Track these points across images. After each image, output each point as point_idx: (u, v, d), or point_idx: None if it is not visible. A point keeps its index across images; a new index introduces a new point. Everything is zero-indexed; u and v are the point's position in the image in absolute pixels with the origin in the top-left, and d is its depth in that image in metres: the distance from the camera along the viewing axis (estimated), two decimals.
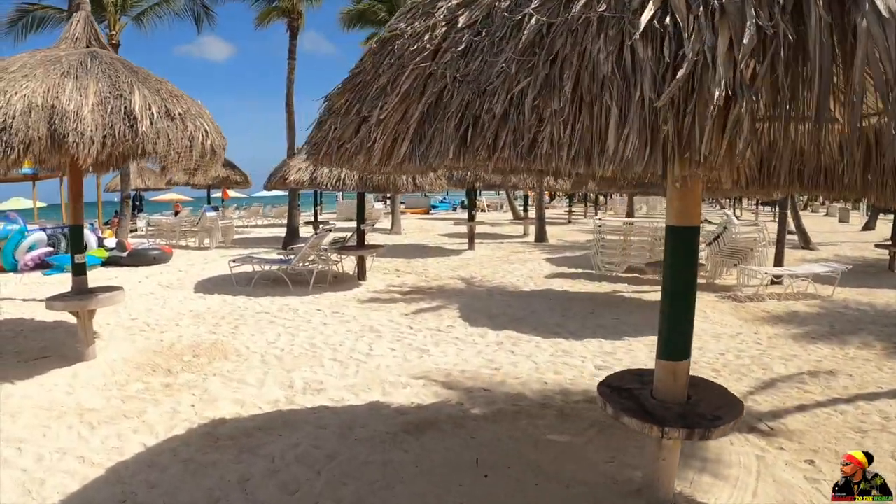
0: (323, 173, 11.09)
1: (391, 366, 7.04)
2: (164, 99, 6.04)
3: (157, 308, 9.98)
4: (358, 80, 3.70)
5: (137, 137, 5.58)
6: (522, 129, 2.68)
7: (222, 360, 7.14)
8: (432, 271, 14.37)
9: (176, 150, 5.87)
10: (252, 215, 30.69)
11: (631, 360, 7.11)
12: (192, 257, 16.78)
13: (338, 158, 3.74)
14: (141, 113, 5.66)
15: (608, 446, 4.80)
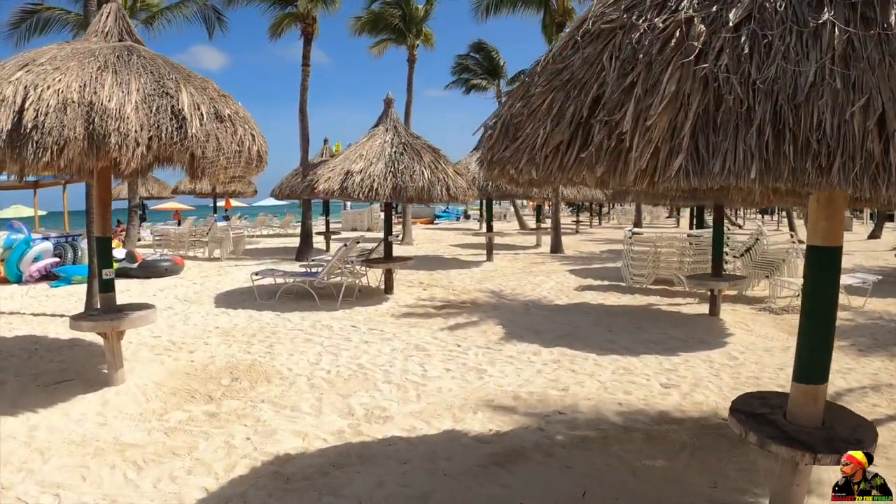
0: (354, 182, 10.48)
1: (453, 389, 6.46)
2: (213, 99, 5.43)
3: (179, 324, 9.31)
4: (565, 76, 3.13)
5: (186, 140, 4.96)
6: (856, 151, 2.46)
7: (265, 383, 6.49)
8: (458, 284, 13.80)
9: (225, 156, 5.26)
10: (259, 225, 29.88)
11: (693, 377, 6.85)
12: (205, 269, 16.08)
13: (550, 169, 3.10)
14: (190, 113, 5.04)
15: (706, 470, 4.51)
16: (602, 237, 30.38)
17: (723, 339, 8.84)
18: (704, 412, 5.71)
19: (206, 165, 5.23)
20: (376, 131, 11.71)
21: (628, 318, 10.22)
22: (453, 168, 11.88)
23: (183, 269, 15.12)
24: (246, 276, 14.28)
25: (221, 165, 5.30)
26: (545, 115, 3.13)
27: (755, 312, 10.81)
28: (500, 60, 36.23)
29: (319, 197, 10.91)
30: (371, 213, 32.66)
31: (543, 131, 3.09)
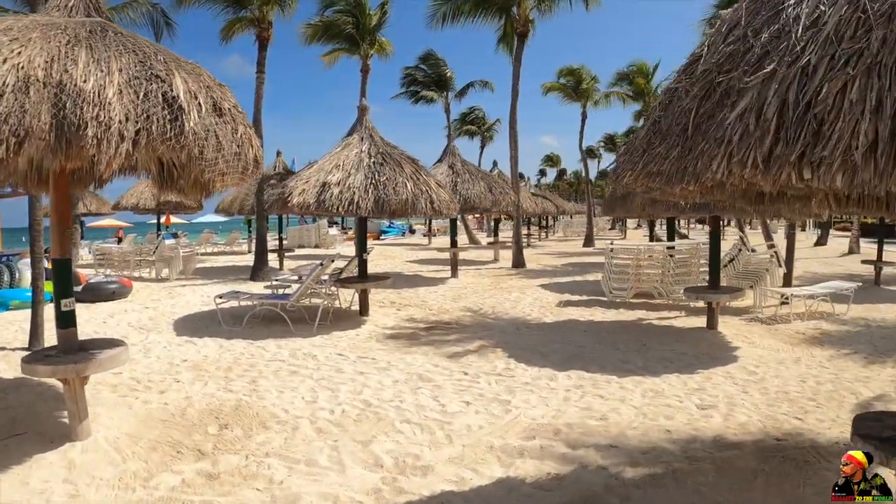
0: (332, 195, 9.50)
1: (483, 426, 5.63)
2: (209, 87, 4.43)
3: (140, 357, 8.07)
4: None
5: (183, 135, 3.95)
6: None
7: (262, 430, 5.45)
8: (432, 302, 12.96)
9: (225, 158, 4.27)
10: (203, 242, 28.08)
11: (725, 396, 6.55)
12: (154, 291, 14.59)
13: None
14: (186, 102, 4.03)
15: (787, 498, 4.25)
16: (555, 250, 30.09)
17: (731, 353, 8.50)
18: (755, 434, 5.41)
19: (202, 169, 4.23)
20: (351, 140, 10.77)
21: (627, 334, 9.71)
22: (434, 180, 11.03)
23: (131, 291, 13.69)
24: (201, 299, 13.08)
25: (219, 170, 4.30)
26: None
27: (746, 323, 10.63)
28: (448, 72, 35.67)
29: (294, 212, 9.88)
30: (318, 229, 31.38)
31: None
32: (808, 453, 4.98)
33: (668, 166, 3.17)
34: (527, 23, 19.62)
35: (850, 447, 5.15)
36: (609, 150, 61.37)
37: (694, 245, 12.80)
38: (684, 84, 3.28)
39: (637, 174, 3.50)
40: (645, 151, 3.50)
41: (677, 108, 3.32)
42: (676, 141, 3.19)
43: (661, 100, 3.64)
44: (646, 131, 3.63)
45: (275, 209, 10.08)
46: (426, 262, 22.99)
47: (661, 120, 3.45)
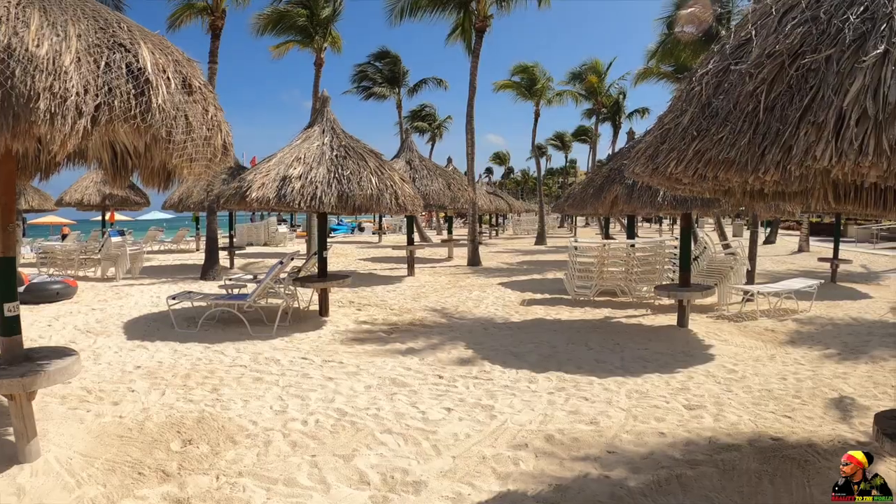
0: (293, 189, 8.97)
1: (470, 434, 5.28)
2: (178, 62, 3.91)
3: (90, 364, 7.37)
4: None
5: (150, 114, 3.44)
6: None
7: (230, 445, 4.96)
8: (393, 302, 12.52)
9: (194, 143, 3.78)
10: (149, 240, 26.75)
11: (710, 395, 6.45)
12: (100, 291, 13.63)
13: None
14: (154, 75, 3.52)
15: (796, 501, 4.16)
16: (508, 248, 29.94)
17: (706, 351, 8.42)
18: (749, 434, 5.32)
19: (169, 154, 3.72)
20: (311, 132, 10.24)
21: (598, 333, 9.53)
22: (398, 174, 10.60)
23: (76, 291, 12.81)
24: (150, 299, 12.35)
25: (188, 155, 3.81)
26: None
27: (715, 321, 10.62)
28: (403, 69, 35.19)
29: (254, 207, 9.29)
30: (267, 226, 30.40)
31: None
32: (806, 452, 4.90)
33: (736, 153, 2.87)
34: (485, 18, 19.30)
35: (851, 446, 5.13)
36: (558, 148, 61.89)
37: (657, 243, 12.69)
38: (746, 67, 2.98)
39: (688, 161, 3.18)
40: (696, 138, 3.18)
41: (736, 92, 3.02)
42: (743, 126, 2.89)
43: (703, 83, 3.32)
44: (690, 116, 3.30)
45: (231, 204, 9.47)
46: (379, 259, 22.51)
47: (714, 104, 3.14)
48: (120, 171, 5.23)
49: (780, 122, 2.73)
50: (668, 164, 3.32)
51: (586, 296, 12.50)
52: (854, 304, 12.60)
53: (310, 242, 22.74)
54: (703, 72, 3.36)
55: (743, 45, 3.23)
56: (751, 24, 3.25)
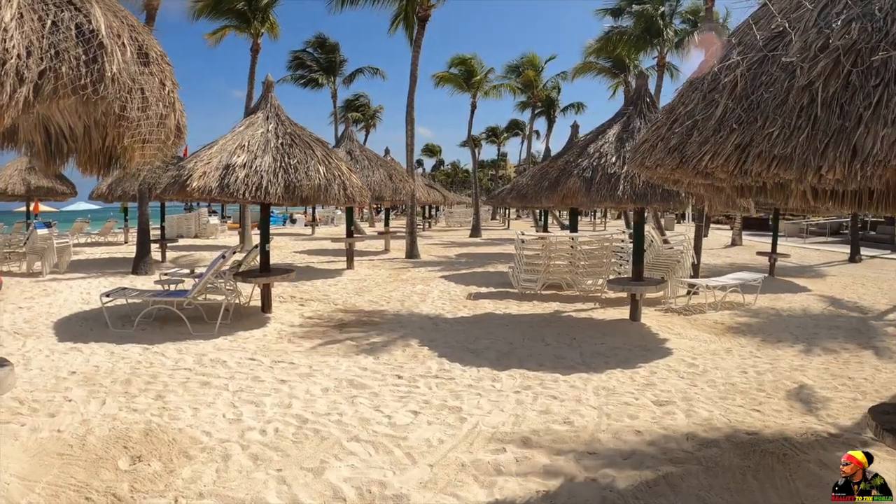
0: (237, 178, 8.42)
1: (443, 439, 5.01)
2: (133, 27, 3.42)
3: (20, 370, 6.60)
4: None
5: (103, 84, 2.98)
6: None
7: (185, 460, 4.50)
8: (335, 296, 12.09)
9: (149, 121, 3.34)
10: (76, 232, 25.06)
11: (677, 390, 6.44)
12: (27, 288, 12.51)
13: None
14: (109, 40, 3.05)
15: (783, 495, 4.14)
16: (444, 240, 29.74)
17: (663, 345, 8.44)
18: (723, 429, 5.31)
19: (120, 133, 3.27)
20: (255, 118, 9.68)
21: (551, 328, 9.41)
22: (346, 164, 10.17)
23: (0, 288, 11.81)
24: (81, 296, 11.51)
25: (142, 136, 3.36)
26: None
27: (664, 314, 10.70)
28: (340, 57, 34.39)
29: (194, 197, 8.67)
30: (199, 217, 29.16)
31: None
32: (783, 446, 4.91)
33: (792, 150, 2.69)
34: (428, 7, 18.90)
35: (824, 438, 5.12)
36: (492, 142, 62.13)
37: (604, 237, 12.68)
38: (795, 60, 2.80)
39: (727, 156, 2.97)
40: (734, 131, 2.97)
41: (782, 85, 2.84)
42: (799, 122, 2.71)
43: (737, 74, 3.12)
44: (724, 108, 3.09)
45: (169, 195, 8.83)
46: (315, 252, 21.86)
47: (753, 97, 2.94)
48: (55, 156, 4.69)
49: (841, 119, 2.58)
50: (701, 158, 3.11)
51: (533, 289, 12.37)
52: (795, 296, 12.96)
53: (243, 234, 21.93)
54: (730, 63, 3.16)
55: (775, 38, 3.07)
56: (778, 15, 3.08)
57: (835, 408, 5.95)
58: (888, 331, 9.60)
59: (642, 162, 3.86)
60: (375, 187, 17.06)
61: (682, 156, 3.29)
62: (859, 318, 10.64)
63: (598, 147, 9.47)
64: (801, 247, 25.87)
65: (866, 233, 26.42)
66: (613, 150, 9.26)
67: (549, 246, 12.53)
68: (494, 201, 27.00)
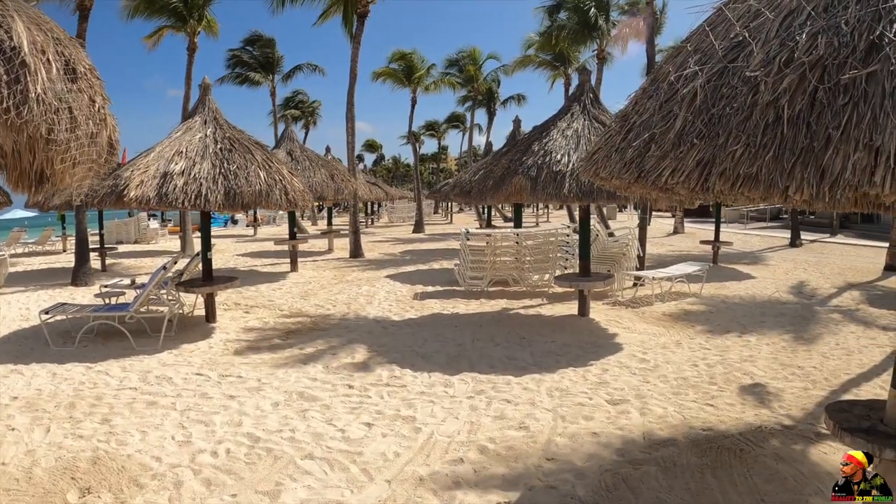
0: (175, 187, 8.17)
1: (399, 452, 4.97)
2: (59, 41, 3.24)
3: None
4: None
5: (27, 106, 2.83)
6: None
7: (136, 489, 4.34)
8: (280, 301, 11.89)
9: (79, 142, 3.19)
10: (12, 243, 23.86)
11: (630, 388, 6.50)
12: None
13: None
14: (32, 58, 2.89)
15: (739, 490, 4.25)
16: (387, 237, 29.59)
17: (613, 340, 8.55)
18: (679, 426, 5.39)
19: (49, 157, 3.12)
20: (192, 123, 9.40)
21: (500, 327, 9.43)
22: (286, 168, 9.99)
23: None
24: (19, 312, 11.00)
25: (71, 158, 3.21)
26: None
27: (612, 308, 10.82)
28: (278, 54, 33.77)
29: (132, 206, 8.35)
30: (138, 222, 28.22)
31: None
32: (738, 441, 5.02)
33: (758, 170, 2.70)
34: (367, 2, 18.69)
35: (778, 430, 5.23)
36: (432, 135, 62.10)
37: (549, 231, 12.78)
38: (759, 74, 2.81)
39: (688, 172, 2.97)
40: (694, 146, 2.97)
41: (745, 100, 2.85)
42: (764, 140, 2.72)
43: (698, 86, 3.10)
44: (683, 121, 3.07)
45: (106, 204, 8.52)
46: (258, 255, 21.42)
47: (714, 111, 2.94)
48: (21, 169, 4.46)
49: (808, 139, 2.59)
50: (660, 173, 3.10)
51: (479, 287, 12.39)
52: (740, 284, 13.30)
53: (184, 239, 21.37)
54: (688, 72, 3.16)
55: (734, 47, 3.07)
56: (736, 23, 3.09)
57: (786, 399, 6.11)
58: (833, 317, 9.92)
59: (596, 172, 3.86)
60: (317, 188, 16.83)
61: (640, 170, 3.28)
62: (804, 305, 10.97)
63: (542, 145, 9.53)
64: (742, 233, 26.60)
65: (805, 217, 27.20)
66: (558, 147, 9.33)
67: (494, 243, 12.57)
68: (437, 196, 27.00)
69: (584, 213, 9.86)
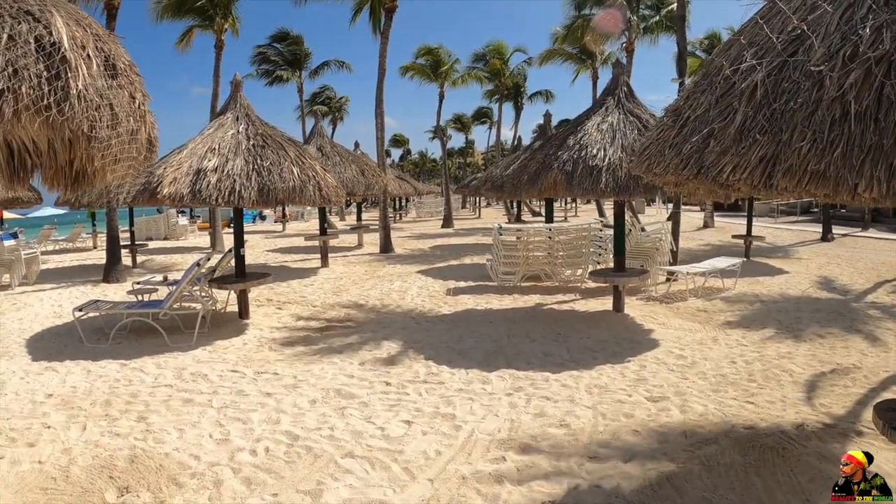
0: (209, 184, 8.16)
1: (440, 451, 4.87)
2: (98, 36, 3.18)
3: None
4: None
5: (68, 103, 2.76)
6: None
7: (175, 488, 4.30)
8: (312, 297, 11.86)
9: (120, 139, 3.12)
10: (43, 240, 24.20)
11: (669, 385, 6.35)
12: None
13: None
14: (73, 53, 2.83)
15: (787, 491, 4.11)
16: (415, 232, 29.49)
17: (649, 336, 8.39)
18: (720, 424, 5.26)
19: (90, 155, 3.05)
20: (224, 119, 9.39)
21: (535, 323, 9.28)
22: (319, 164, 9.93)
23: None
24: (52, 308, 11.13)
25: (112, 156, 3.14)
26: None
27: (646, 303, 10.62)
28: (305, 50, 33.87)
29: (165, 203, 8.38)
30: (167, 219, 28.53)
31: None
32: (781, 440, 4.88)
33: (826, 166, 2.58)
34: None
35: (820, 429, 5.12)
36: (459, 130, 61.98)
37: (581, 226, 12.59)
38: (825, 69, 2.68)
39: (751, 169, 2.86)
40: (756, 142, 2.84)
41: (810, 95, 2.72)
42: (832, 137, 2.60)
43: (759, 81, 2.97)
44: (744, 116, 2.94)
45: (139, 202, 8.55)
46: (288, 250, 21.49)
47: (776, 106, 2.81)
48: (17, 172, 4.40)
49: (877, 135, 2.46)
50: (721, 169, 2.98)
51: (512, 282, 12.26)
52: (773, 280, 12.97)
53: (214, 236, 21.49)
54: (746, 66, 3.02)
55: (793, 41, 2.93)
56: (793, 16, 2.95)
57: (827, 396, 5.92)
58: (870, 313, 9.62)
59: (649, 168, 3.72)
60: (348, 184, 16.81)
61: (700, 166, 3.15)
62: (839, 301, 10.67)
63: (578, 139, 9.36)
64: (772, 227, 26.09)
65: (836, 210, 26.60)
66: (594, 142, 9.15)
67: (527, 238, 12.42)
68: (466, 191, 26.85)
69: (619, 209, 9.67)
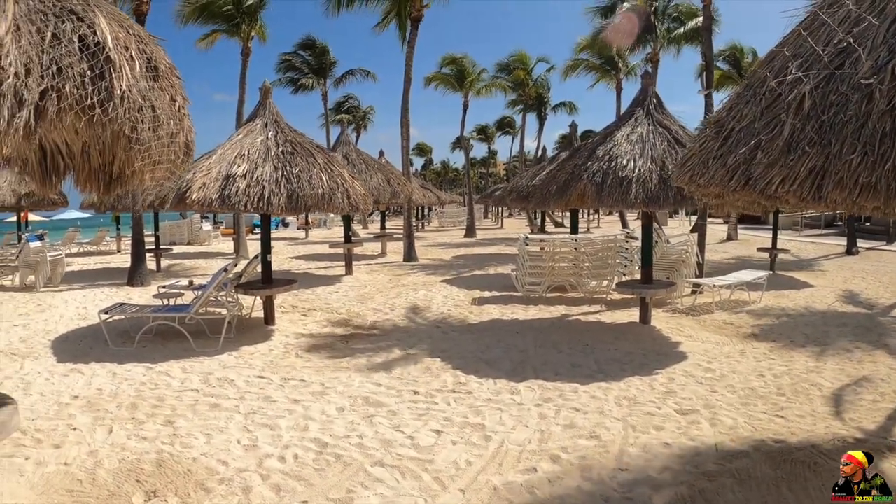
0: (238, 189, 8.19)
1: (471, 461, 4.81)
2: (140, 38, 3.17)
3: (19, 396, 6.27)
4: None
5: (112, 104, 2.75)
6: None
7: (203, 494, 4.27)
8: (338, 305, 11.86)
9: (160, 141, 3.11)
10: (68, 242, 24.44)
11: (698, 398, 6.28)
12: (20, 303, 12.16)
13: None
14: (116, 53, 2.81)
15: None
16: (438, 242, 29.46)
17: (677, 349, 8.29)
18: (750, 438, 5.19)
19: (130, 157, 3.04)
20: (253, 126, 9.44)
21: (562, 334, 9.21)
22: (348, 171, 9.94)
23: None
24: (77, 311, 11.23)
25: (152, 158, 3.13)
26: None
27: (672, 315, 10.52)
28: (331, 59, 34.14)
29: (193, 209, 8.43)
30: (191, 224, 28.79)
31: None
32: (812, 454, 4.81)
33: (878, 179, 2.53)
34: (421, 7, 18.66)
35: (852, 445, 5.00)
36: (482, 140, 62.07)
37: (608, 237, 12.48)
38: (874, 82, 2.62)
39: (800, 181, 2.81)
40: (805, 154, 2.78)
41: (859, 108, 2.69)
42: (883, 149, 2.54)
43: (806, 92, 2.91)
44: (792, 129, 2.88)
45: (169, 206, 8.61)
46: (311, 258, 21.56)
47: (824, 118, 2.76)
48: (50, 174, 4.43)
49: None
50: (770, 181, 2.91)
51: (537, 292, 12.16)
52: (799, 293, 12.80)
53: (238, 241, 21.60)
54: (791, 78, 2.96)
55: (840, 53, 2.87)
56: (838, 28, 2.89)
57: (856, 411, 5.82)
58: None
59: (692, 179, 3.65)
60: (374, 192, 16.85)
61: (747, 177, 3.09)
62: (866, 315, 10.50)
63: (607, 150, 9.28)
64: (797, 240, 25.75)
65: (861, 224, 26.18)
66: (623, 152, 9.07)
67: (553, 248, 12.34)
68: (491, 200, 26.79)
69: (647, 220, 9.56)
